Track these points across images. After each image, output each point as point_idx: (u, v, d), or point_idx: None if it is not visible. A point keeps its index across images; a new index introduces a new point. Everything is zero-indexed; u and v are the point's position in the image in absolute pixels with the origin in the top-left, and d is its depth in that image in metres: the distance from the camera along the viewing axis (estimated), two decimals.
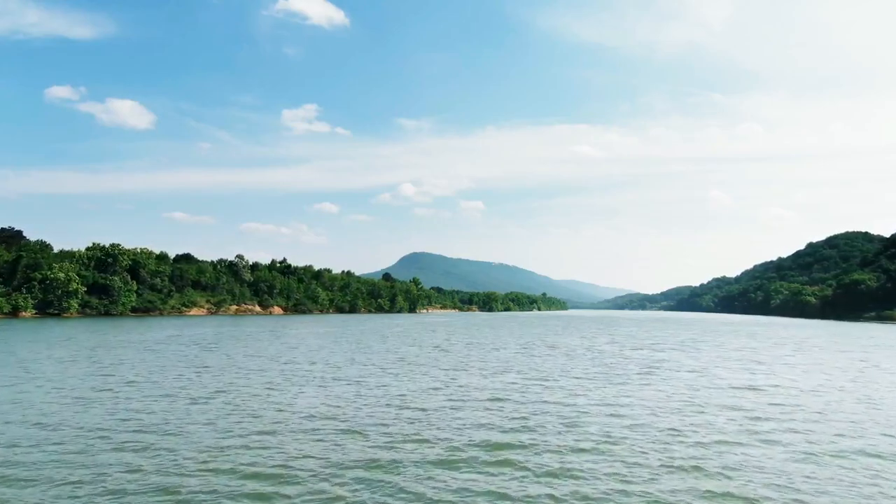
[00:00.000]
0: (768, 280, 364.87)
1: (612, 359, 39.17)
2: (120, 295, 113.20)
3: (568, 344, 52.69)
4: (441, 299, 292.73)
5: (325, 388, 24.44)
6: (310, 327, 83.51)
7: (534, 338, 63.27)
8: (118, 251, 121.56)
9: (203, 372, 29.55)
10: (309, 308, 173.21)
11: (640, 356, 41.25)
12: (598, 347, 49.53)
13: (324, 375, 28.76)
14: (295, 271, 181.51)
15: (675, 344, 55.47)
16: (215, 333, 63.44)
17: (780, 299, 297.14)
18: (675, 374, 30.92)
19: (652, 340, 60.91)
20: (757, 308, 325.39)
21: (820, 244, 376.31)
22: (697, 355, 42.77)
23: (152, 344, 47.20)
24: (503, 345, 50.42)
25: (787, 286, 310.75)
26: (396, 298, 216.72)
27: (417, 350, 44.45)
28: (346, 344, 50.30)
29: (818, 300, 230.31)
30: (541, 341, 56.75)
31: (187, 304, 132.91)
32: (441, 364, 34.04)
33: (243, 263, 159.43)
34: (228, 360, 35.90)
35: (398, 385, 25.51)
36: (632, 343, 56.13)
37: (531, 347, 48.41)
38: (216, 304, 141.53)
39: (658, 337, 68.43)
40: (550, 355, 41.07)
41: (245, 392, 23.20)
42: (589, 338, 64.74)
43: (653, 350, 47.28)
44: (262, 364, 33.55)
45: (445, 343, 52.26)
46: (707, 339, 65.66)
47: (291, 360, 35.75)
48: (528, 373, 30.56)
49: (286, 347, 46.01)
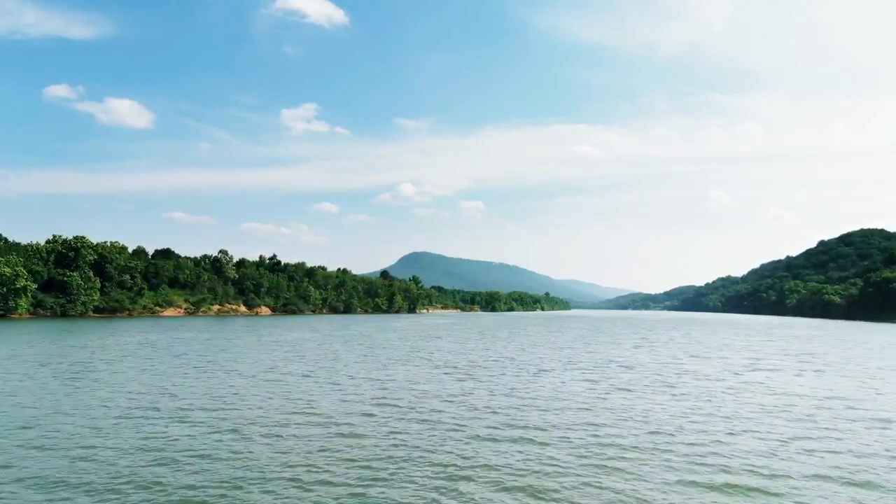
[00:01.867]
0: (780, 279, 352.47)
1: (760, 395, 25.76)
2: (79, 293, 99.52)
3: (640, 361, 38.90)
4: (442, 299, 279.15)
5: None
6: (280, 333, 70.03)
7: (574, 348, 49.80)
8: (82, 244, 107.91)
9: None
10: (300, 308, 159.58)
11: (771, 381, 27.81)
12: (688, 366, 36.09)
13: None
14: (285, 269, 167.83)
15: (774, 354, 42.32)
16: (152, 340, 49.90)
17: (797, 299, 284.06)
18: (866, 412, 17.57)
19: (722, 349, 47.73)
20: (770, 308, 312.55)
21: (833, 242, 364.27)
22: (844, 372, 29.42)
23: (71, 352, 33.69)
24: (547, 364, 35.95)
25: (803, 285, 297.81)
26: (395, 298, 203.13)
27: (423, 374, 30.94)
28: (298, 363, 36.87)
29: (843, 300, 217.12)
30: (590, 354, 43.20)
31: (161, 303, 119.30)
32: (478, 421, 18.22)
33: (227, 259, 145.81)
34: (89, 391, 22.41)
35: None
36: (712, 354, 42.88)
37: (597, 370, 34.70)
38: (195, 303, 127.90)
39: (712, 343, 55.20)
40: (661, 392, 26.76)
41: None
42: (645, 347, 51.42)
43: (767, 371, 33.92)
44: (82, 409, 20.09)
45: (462, 359, 38.59)
46: (791, 346, 52.39)
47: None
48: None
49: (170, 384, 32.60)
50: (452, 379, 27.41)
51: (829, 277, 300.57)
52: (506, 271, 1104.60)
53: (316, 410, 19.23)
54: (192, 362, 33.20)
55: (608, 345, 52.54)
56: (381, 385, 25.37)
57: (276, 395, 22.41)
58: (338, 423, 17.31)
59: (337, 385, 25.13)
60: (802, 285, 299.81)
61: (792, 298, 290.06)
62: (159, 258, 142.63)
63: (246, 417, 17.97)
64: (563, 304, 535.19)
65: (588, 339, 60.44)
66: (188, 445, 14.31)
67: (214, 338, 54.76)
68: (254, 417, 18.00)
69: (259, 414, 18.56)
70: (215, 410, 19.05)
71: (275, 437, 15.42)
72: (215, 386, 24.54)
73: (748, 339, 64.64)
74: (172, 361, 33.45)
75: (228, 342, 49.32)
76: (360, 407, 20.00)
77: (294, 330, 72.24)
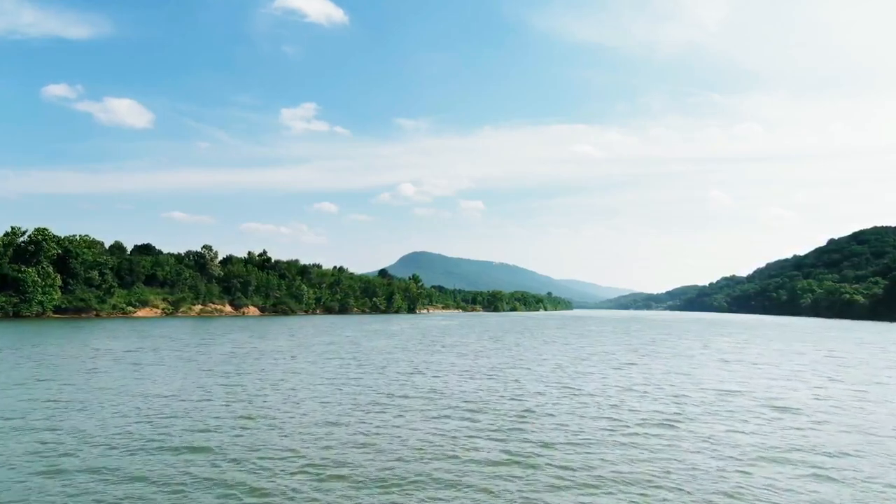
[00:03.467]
0: (790, 279, 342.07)
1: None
2: (35, 292, 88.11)
3: (777, 394, 27.56)
4: (442, 298, 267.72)
5: None
6: (244, 339, 58.88)
7: (648, 366, 38.71)
8: (43, 237, 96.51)
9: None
10: (291, 308, 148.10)
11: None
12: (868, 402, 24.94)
13: None
14: (276, 266, 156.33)
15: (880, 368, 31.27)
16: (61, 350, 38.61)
17: (811, 299, 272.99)
18: None
19: (822, 362, 36.67)
20: (781, 308, 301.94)
21: (844, 240, 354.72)
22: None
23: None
24: (644, 402, 24.18)
25: (817, 285, 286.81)
26: (394, 297, 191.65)
27: (434, 437, 19.63)
28: (196, 401, 25.51)
29: (867, 299, 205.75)
30: (687, 378, 32.00)
31: (135, 303, 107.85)
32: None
33: (211, 255, 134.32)
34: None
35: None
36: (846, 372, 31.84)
37: (753, 416, 23.43)
38: (174, 303, 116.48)
39: (805, 353, 44.14)
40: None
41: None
42: (735, 363, 40.37)
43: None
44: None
45: (496, 399, 27.15)
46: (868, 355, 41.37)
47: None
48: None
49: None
50: (498, 451, 15.63)
51: (844, 276, 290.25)
52: (506, 271, 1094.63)
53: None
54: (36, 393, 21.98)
55: (684, 360, 41.24)
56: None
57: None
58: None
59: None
60: (816, 284, 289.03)
61: (806, 298, 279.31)
62: (139, 254, 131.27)
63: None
64: (565, 304, 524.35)
65: (646, 350, 49.06)
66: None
67: (139, 348, 43.50)
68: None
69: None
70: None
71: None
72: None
73: (832, 346, 53.58)
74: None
75: (153, 354, 38.08)
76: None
77: (269, 335, 60.88)
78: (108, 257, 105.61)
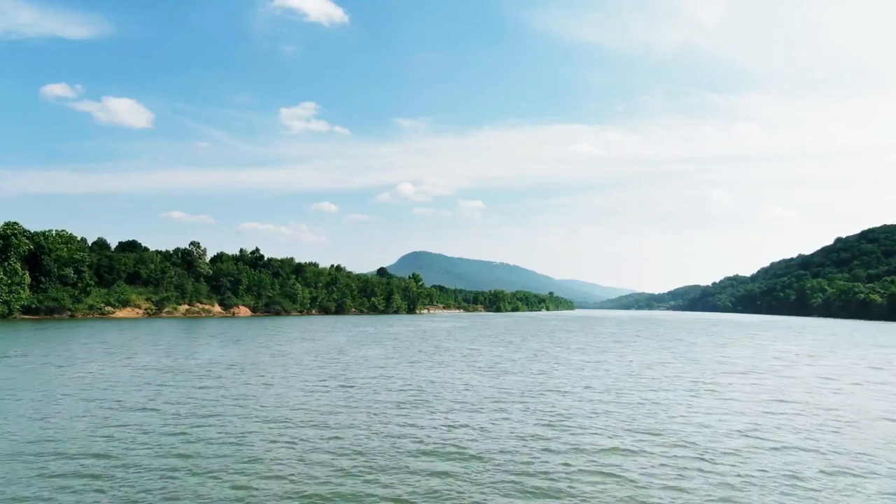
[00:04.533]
0: (798, 278, 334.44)
1: None
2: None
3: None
4: (443, 298, 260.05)
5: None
6: (207, 345, 51.41)
7: (706, 378, 31.20)
8: (13, 231, 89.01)
9: None
10: (285, 308, 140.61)
11: None
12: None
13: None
14: (269, 264, 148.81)
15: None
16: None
17: (822, 298, 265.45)
18: None
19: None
20: (790, 308, 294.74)
21: (853, 239, 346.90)
22: None
23: None
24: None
25: (827, 284, 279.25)
26: (393, 297, 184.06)
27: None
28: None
29: (884, 299, 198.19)
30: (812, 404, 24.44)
31: (114, 303, 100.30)
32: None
33: (199, 252, 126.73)
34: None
35: None
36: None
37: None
38: (158, 303, 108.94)
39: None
40: None
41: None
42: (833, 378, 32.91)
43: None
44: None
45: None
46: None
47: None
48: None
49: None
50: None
51: (855, 275, 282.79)
52: (506, 271, 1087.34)
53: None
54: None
55: (786, 380, 33.74)
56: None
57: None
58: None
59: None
60: (827, 284, 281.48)
61: (816, 298, 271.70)
62: (123, 251, 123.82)
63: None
64: (567, 304, 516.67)
65: (715, 364, 41.50)
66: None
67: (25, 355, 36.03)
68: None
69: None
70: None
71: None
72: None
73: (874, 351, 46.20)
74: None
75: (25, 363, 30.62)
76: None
77: (243, 340, 53.25)
78: (86, 254, 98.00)
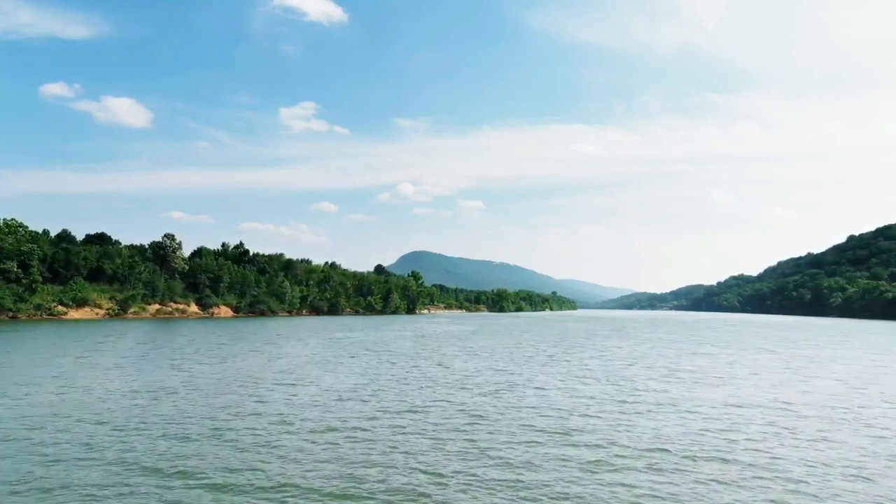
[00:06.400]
0: (811, 277, 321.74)
1: None
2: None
3: None
4: (444, 298, 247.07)
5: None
6: (123, 359, 38.13)
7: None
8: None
9: None
10: (271, 308, 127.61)
11: None
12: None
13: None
14: (254, 260, 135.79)
15: None
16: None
17: (842, 298, 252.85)
18: None
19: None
20: (805, 308, 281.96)
21: (868, 236, 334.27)
22: None
23: None
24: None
25: (846, 283, 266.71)
26: (391, 296, 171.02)
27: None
28: None
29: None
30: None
31: (68, 301, 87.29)
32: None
33: (174, 246, 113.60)
34: None
35: None
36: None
37: None
38: (122, 302, 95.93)
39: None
40: None
41: None
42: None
43: None
44: None
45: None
46: None
47: None
48: None
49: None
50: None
51: (875, 274, 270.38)
52: (506, 270, 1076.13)
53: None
54: None
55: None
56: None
57: None
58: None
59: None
60: (845, 282, 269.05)
61: (836, 297, 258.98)
62: (90, 244, 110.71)
63: None
64: (570, 304, 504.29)
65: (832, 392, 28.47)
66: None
67: None
68: None
69: None
70: None
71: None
72: None
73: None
74: None
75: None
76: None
77: (170, 347, 40.30)
78: (32, 246, 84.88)
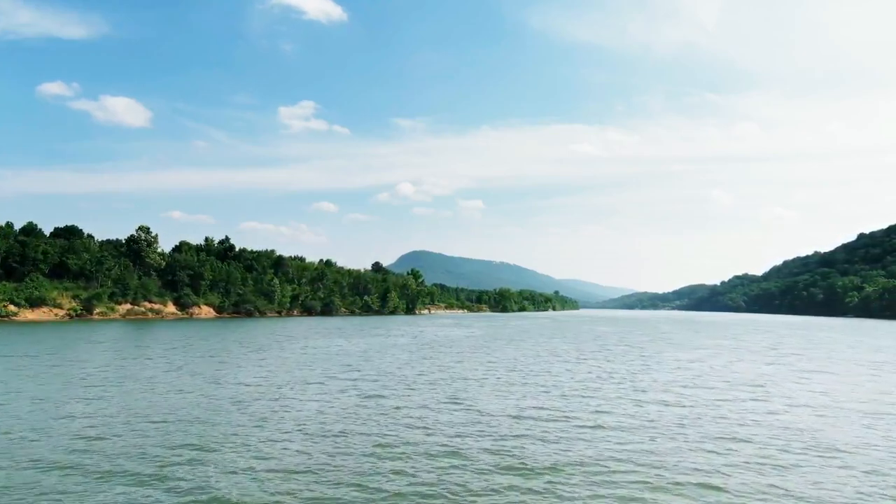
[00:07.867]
0: (823, 276, 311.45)
1: None
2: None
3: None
4: (445, 297, 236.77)
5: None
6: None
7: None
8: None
9: None
10: (259, 308, 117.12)
11: None
12: None
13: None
14: (240, 256, 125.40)
15: None
16: None
17: (859, 297, 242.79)
18: None
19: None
20: (817, 308, 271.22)
21: (880, 234, 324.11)
22: None
23: None
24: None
25: (861, 282, 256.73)
26: (389, 295, 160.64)
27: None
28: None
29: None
30: None
31: (21, 301, 76.86)
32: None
33: (149, 239, 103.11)
34: None
35: None
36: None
37: None
38: (87, 301, 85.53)
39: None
40: None
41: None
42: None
43: None
44: None
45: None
46: None
47: None
48: None
49: None
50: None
51: (891, 272, 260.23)
52: (507, 270, 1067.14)
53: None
54: None
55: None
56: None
57: None
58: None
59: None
60: (861, 281, 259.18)
61: (852, 296, 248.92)
62: (58, 238, 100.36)
63: None
64: (572, 304, 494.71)
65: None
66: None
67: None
68: None
69: None
70: None
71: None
72: None
73: None
74: None
75: None
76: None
77: (129, 358, 29.94)
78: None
